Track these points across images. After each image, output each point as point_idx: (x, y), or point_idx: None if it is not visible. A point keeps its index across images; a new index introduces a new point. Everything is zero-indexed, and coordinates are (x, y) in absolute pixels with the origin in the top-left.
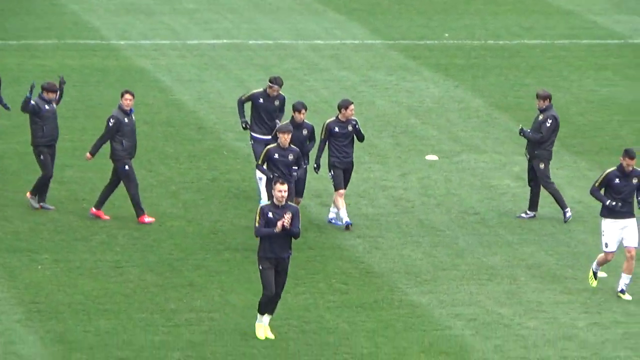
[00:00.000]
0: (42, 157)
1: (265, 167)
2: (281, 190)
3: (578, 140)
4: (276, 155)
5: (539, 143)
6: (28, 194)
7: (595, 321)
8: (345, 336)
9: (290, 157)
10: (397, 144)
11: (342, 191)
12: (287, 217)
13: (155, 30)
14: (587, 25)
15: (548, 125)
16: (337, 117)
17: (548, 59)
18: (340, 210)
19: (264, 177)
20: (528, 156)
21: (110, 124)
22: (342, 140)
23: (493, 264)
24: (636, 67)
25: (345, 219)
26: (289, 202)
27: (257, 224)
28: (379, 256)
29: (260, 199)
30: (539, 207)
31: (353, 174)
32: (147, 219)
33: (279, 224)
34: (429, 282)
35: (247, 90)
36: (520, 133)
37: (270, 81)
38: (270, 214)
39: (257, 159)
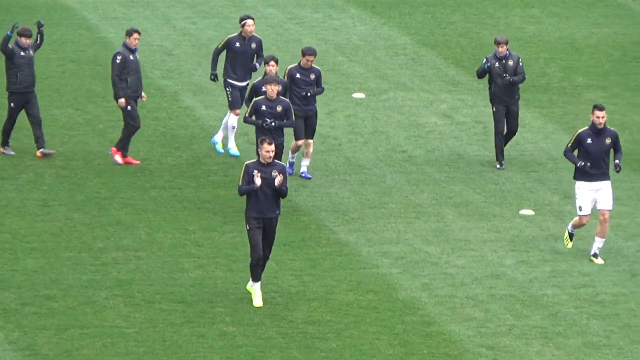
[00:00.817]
0: (12, 104)
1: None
2: (269, 150)
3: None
4: (264, 107)
5: (518, 86)
6: None
7: (523, 259)
8: (273, 274)
9: (279, 108)
10: (324, 82)
11: (300, 142)
12: (279, 178)
13: None
14: None
15: (521, 64)
16: (299, 63)
17: None
18: (290, 156)
19: (235, 126)
20: (505, 104)
21: (117, 61)
22: (303, 88)
23: (420, 202)
24: (562, 4)
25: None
26: (275, 160)
27: (240, 182)
28: (305, 194)
29: (216, 142)
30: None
31: None
32: (134, 161)
33: (257, 180)
34: (357, 221)
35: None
36: (510, 83)
37: (241, 19)
38: (254, 172)
39: (235, 106)
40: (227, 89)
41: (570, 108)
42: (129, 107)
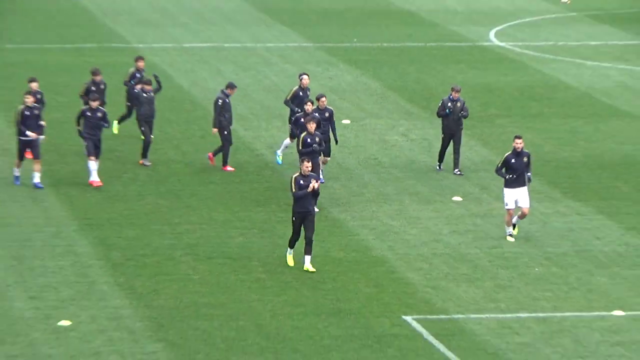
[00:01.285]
0: (142, 128)
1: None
2: (308, 166)
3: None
4: (309, 140)
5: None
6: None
7: (454, 230)
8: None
9: (317, 139)
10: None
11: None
12: (317, 184)
13: (162, 37)
14: (447, 33)
15: (466, 105)
16: (317, 106)
17: (424, 56)
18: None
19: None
20: (451, 133)
21: (220, 103)
22: (321, 124)
23: (387, 192)
24: (481, 61)
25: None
26: (311, 173)
27: (293, 189)
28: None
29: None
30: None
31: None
32: (229, 168)
33: (310, 187)
34: (345, 205)
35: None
36: (461, 117)
37: (299, 75)
38: (301, 181)
39: (293, 136)
40: (292, 124)
41: (486, 130)
42: (225, 132)
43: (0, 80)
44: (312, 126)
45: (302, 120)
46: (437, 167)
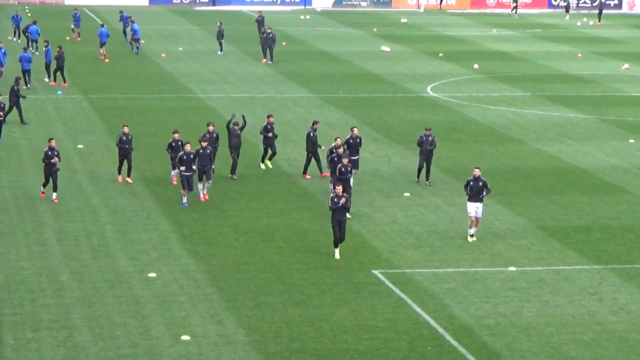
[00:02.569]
0: (232, 153)
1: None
2: (339, 189)
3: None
4: (343, 169)
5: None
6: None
7: (405, 214)
8: (307, 233)
9: (349, 167)
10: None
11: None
12: (343, 201)
13: (217, 90)
14: (400, 88)
15: (435, 139)
16: (350, 135)
17: (385, 102)
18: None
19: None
20: (424, 157)
21: (312, 136)
22: (352, 147)
23: (361, 190)
24: (421, 106)
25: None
26: (343, 194)
27: (330, 205)
28: (317, 184)
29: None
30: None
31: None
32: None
33: (340, 203)
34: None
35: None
36: (433, 147)
37: (351, 128)
38: (335, 199)
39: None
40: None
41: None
42: (309, 154)
43: (113, 117)
44: (346, 160)
45: (336, 153)
46: (416, 180)
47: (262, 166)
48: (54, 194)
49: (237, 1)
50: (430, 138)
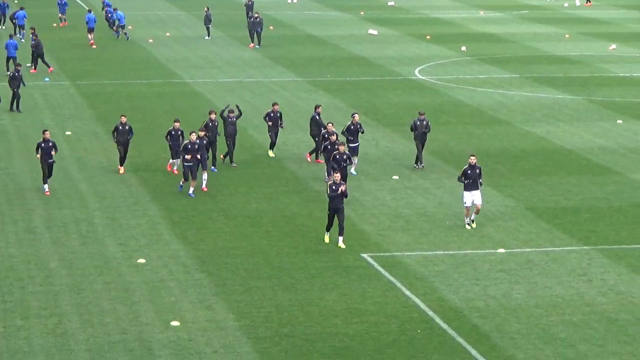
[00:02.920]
0: (227, 141)
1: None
2: (337, 176)
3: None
4: (338, 157)
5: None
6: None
7: (393, 197)
8: (303, 223)
9: (345, 156)
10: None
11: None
12: (343, 188)
13: (204, 75)
14: (387, 71)
15: (430, 123)
16: (351, 121)
17: (373, 86)
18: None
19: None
20: (419, 141)
21: (317, 119)
22: (353, 133)
23: (350, 174)
24: (409, 89)
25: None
26: (341, 181)
27: (328, 192)
28: (308, 169)
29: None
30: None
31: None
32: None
33: (339, 190)
34: (322, 182)
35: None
36: (426, 132)
37: (352, 114)
38: (333, 187)
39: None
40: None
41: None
42: (316, 139)
43: (101, 103)
44: (342, 148)
45: (329, 140)
46: (415, 165)
47: (271, 154)
48: (46, 186)
49: None
50: (424, 122)
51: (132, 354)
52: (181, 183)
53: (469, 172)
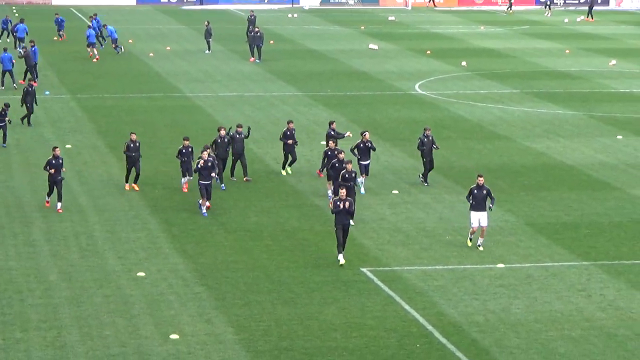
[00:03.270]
0: (234, 158)
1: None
2: (343, 193)
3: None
4: (347, 175)
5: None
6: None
7: (393, 212)
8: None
9: (353, 174)
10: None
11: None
12: (347, 204)
13: (205, 89)
14: (387, 86)
15: (434, 139)
16: (361, 139)
17: (373, 100)
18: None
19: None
20: (427, 158)
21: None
22: (363, 151)
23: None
24: (402, 103)
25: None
26: (347, 197)
27: (332, 207)
28: (309, 183)
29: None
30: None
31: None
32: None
33: (341, 206)
34: (323, 196)
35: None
36: (434, 148)
37: (361, 132)
38: (338, 203)
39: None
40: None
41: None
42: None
43: (102, 116)
44: (349, 166)
45: (337, 159)
46: (425, 183)
47: (284, 172)
48: (59, 204)
49: (224, 0)
50: (431, 138)
51: None
52: (200, 201)
53: (476, 192)
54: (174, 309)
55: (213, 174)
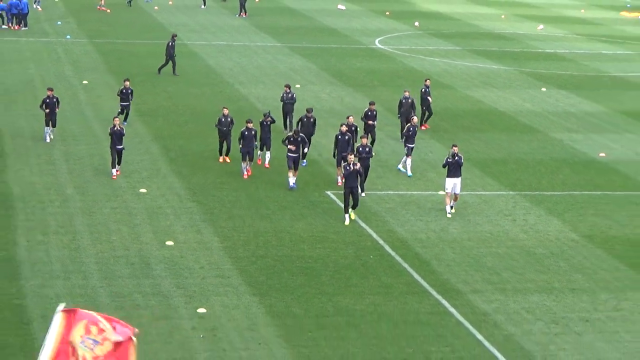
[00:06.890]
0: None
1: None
2: (352, 158)
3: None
4: (360, 149)
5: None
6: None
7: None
8: (315, 215)
9: (367, 148)
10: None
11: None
12: (358, 166)
13: (201, 38)
14: (352, 40)
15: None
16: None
17: (340, 52)
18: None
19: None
20: (405, 118)
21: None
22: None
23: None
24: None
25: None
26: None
27: (343, 172)
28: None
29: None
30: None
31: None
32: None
33: (350, 168)
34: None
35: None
36: (413, 110)
37: (347, 117)
38: (347, 167)
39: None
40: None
41: (373, 92)
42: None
43: (114, 59)
44: (364, 140)
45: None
46: (401, 141)
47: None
48: (115, 169)
49: None
50: (410, 100)
51: (133, 267)
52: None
53: (450, 160)
54: (169, 220)
55: (255, 143)
